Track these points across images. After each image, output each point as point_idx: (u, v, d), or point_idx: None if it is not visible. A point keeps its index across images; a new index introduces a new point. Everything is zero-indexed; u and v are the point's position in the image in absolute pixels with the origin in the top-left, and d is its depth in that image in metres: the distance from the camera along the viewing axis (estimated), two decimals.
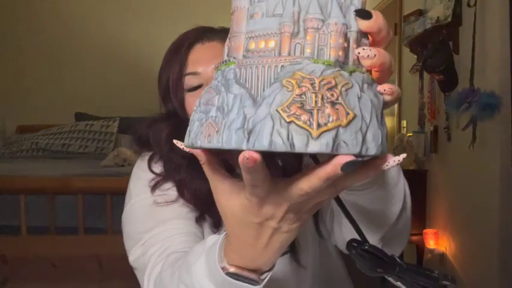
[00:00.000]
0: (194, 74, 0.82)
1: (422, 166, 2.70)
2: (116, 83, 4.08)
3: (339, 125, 0.33)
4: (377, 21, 0.38)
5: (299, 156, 0.78)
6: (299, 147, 0.33)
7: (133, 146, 0.96)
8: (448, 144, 2.42)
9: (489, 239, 2.10)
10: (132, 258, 0.77)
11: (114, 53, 4.15)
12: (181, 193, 0.81)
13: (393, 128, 3.19)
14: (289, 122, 0.33)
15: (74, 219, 2.23)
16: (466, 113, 2.18)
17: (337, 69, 0.35)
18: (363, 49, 0.37)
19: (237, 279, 0.47)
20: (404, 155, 0.39)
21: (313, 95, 0.34)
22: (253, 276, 0.47)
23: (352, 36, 0.37)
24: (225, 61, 0.39)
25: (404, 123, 3.03)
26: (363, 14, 0.38)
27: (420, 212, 2.66)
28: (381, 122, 0.37)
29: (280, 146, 0.33)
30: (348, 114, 0.34)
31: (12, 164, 2.98)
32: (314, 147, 0.33)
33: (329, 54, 0.36)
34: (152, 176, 0.84)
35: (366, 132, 0.35)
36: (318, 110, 0.33)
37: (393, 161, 0.37)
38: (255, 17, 0.38)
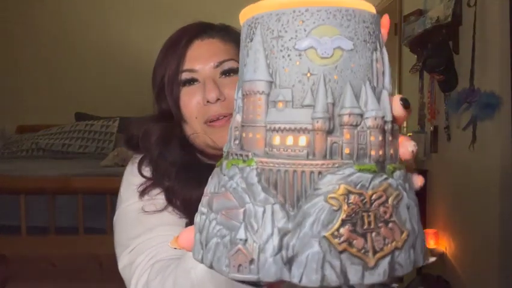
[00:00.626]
0: (191, 71, 0.80)
1: (422, 166, 2.70)
2: (116, 83, 4.08)
3: (395, 248, 0.30)
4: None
5: None
6: (354, 280, 0.29)
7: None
8: (448, 144, 2.42)
9: (489, 239, 2.10)
10: (120, 266, 0.76)
11: (114, 53, 4.15)
12: (169, 200, 0.79)
13: None
14: (341, 251, 0.29)
15: (74, 219, 2.24)
16: (466, 113, 2.18)
17: (384, 177, 0.31)
18: (413, 145, 0.35)
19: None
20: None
21: (365, 215, 0.29)
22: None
23: (388, 127, 0.33)
24: (239, 155, 0.33)
25: (404, 123, 3.03)
26: (407, 103, 0.34)
27: (420, 212, 2.64)
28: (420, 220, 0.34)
29: (334, 281, 0.29)
30: (402, 232, 0.30)
31: (12, 164, 2.98)
32: (370, 278, 0.29)
33: (370, 155, 0.31)
34: (142, 180, 0.82)
35: (415, 244, 0.31)
36: (371, 232, 0.29)
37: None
38: (279, 106, 0.32)
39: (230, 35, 0.85)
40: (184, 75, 0.80)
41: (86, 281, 2.16)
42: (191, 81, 0.80)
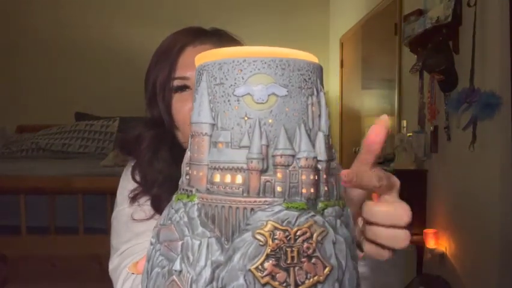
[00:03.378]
0: (183, 78, 0.80)
1: (422, 166, 2.70)
2: (116, 83, 4.08)
3: (317, 281, 0.32)
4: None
5: None
6: None
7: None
8: (448, 144, 2.42)
9: (489, 239, 2.10)
10: (110, 267, 0.78)
11: (114, 53, 4.15)
12: (156, 208, 0.80)
13: (393, 128, 3.19)
14: (264, 284, 0.31)
15: (74, 219, 2.24)
16: (466, 113, 2.18)
17: (311, 214, 0.33)
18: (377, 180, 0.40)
19: None
20: None
21: (289, 250, 0.32)
22: None
23: (322, 166, 0.35)
24: (185, 190, 0.36)
25: (404, 123, 3.03)
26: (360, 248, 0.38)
27: (420, 212, 2.66)
28: (354, 256, 0.36)
29: None
30: (325, 267, 0.32)
31: (12, 164, 2.98)
32: None
33: (301, 193, 0.34)
34: (134, 186, 0.83)
35: (342, 279, 0.34)
36: (294, 267, 0.32)
37: None
38: (219, 146, 0.35)
39: (222, 41, 0.85)
40: (176, 83, 0.80)
41: (86, 281, 2.16)
42: (183, 88, 0.80)
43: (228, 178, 0.34)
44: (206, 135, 0.35)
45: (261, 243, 0.32)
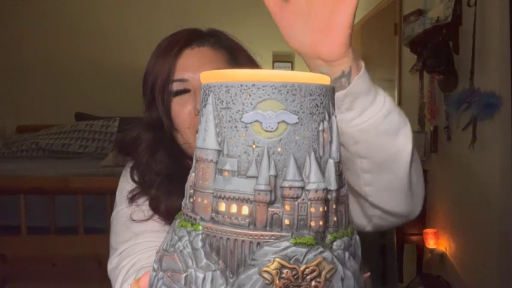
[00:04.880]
0: (182, 81, 0.79)
1: (422, 166, 2.70)
2: (116, 83, 4.08)
3: None
4: None
5: None
6: None
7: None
8: (448, 144, 2.42)
9: (489, 239, 2.10)
10: (109, 267, 0.79)
11: (114, 53, 4.15)
12: (154, 208, 0.80)
13: None
14: None
15: (74, 219, 2.23)
16: (466, 113, 2.18)
17: (319, 250, 0.32)
18: None
19: None
20: None
21: None
22: None
23: (332, 196, 0.34)
24: (189, 217, 0.35)
25: None
26: None
27: (420, 212, 2.66)
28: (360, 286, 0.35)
29: None
30: None
31: (12, 164, 2.98)
32: None
33: (310, 226, 0.33)
34: (133, 186, 0.83)
35: None
36: None
37: None
38: (225, 175, 0.33)
39: (220, 41, 0.84)
40: (175, 85, 0.79)
41: (86, 281, 2.16)
42: (182, 91, 0.80)
43: (234, 208, 0.33)
44: (211, 162, 0.34)
45: (267, 281, 0.31)
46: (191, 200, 0.36)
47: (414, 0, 2.78)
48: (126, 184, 0.85)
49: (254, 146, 0.33)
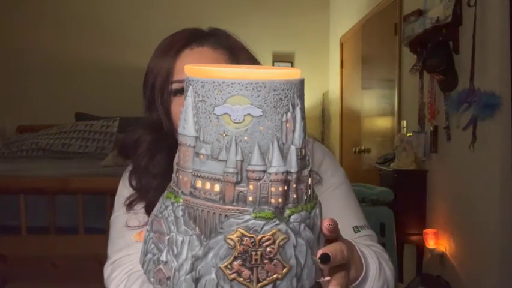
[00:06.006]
0: (181, 81, 0.79)
1: (422, 166, 2.70)
2: (116, 83, 4.08)
3: (276, 279, 0.38)
4: (333, 260, 0.44)
5: None
6: None
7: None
8: (448, 144, 2.42)
9: (489, 239, 2.10)
10: (105, 275, 0.79)
11: (114, 53, 4.15)
12: (149, 213, 0.79)
13: (393, 128, 3.19)
14: (231, 280, 0.37)
15: (74, 219, 2.23)
16: (466, 113, 2.18)
17: (276, 223, 0.38)
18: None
19: None
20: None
21: (254, 253, 0.37)
22: None
23: (292, 177, 0.40)
24: (174, 190, 0.42)
25: (404, 123, 3.03)
26: (324, 260, 0.43)
27: (420, 212, 2.66)
28: (318, 245, 0.42)
29: None
30: (284, 267, 0.38)
31: (12, 164, 2.98)
32: None
33: (270, 203, 0.39)
34: (130, 192, 0.83)
35: (301, 274, 0.39)
36: (257, 267, 0.37)
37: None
38: (201, 158, 0.39)
39: (220, 41, 0.84)
40: (175, 86, 0.79)
41: (86, 281, 2.16)
42: (182, 91, 0.79)
43: (207, 186, 0.39)
44: (190, 147, 0.40)
45: (230, 246, 0.38)
46: (176, 175, 0.42)
47: (414, 0, 2.78)
48: (124, 189, 0.85)
49: (224, 135, 0.38)
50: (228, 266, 0.37)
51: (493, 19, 2.03)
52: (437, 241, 2.52)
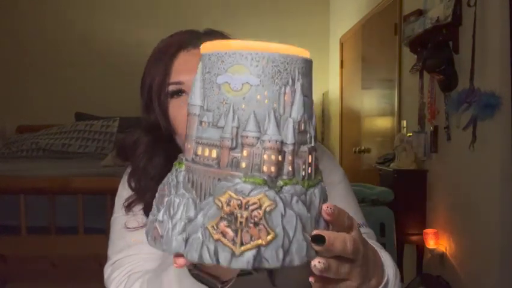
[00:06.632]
0: (177, 83, 0.78)
1: (422, 166, 2.70)
2: (116, 83, 4.08)
3: (260, 244, 0.38)
4: (329, 244, 0.42)
5: None
6: (223, 262, 0.38)
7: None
8: (448, 144, 2.42)
9: (489, 239, 2.10)
10: (105, 276, 0.80)
11: (114, 53, 4.15)
12: (148, 214, 0.79)
13: (393, 128, 3.19)
14: (216, 240, 0.38)
15: (74, 219, 2.23)
16: (466, 113, 2.18)
17: (265, 189, 0.39)
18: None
19: (200, 281, 0.54)
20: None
21: (239, 216, 0.38)
22: (213, 280, 0.55)
23: (288, 149, 0.41)
24: (180, 159, 0.44)
25: (404, 123, 3.03)
26: (316, 240, 0.42)
27: (420, 212, 2.66)
28: (315, 227, 0.41)
29: (207, 260, 0.38)
30: (269, 234, 0.38)
31: (12, 164, 2.98)
32: (236, 263, 0.38)
33: (262, 170, 0.39)
34: (129, 193, 0.83)
35: (289, 247, 0.39)
36: (242, 229, 0.38)
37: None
38: (203, 125, 0.42)
39: None
40: (171, 88, 0.79)
41: (86, 281, 2.16)
42: (178, 93, 0.79)
43: (207, 152, 0.41)
44: (195, 115, 0.43)
45: (218, 207, 0.39)
46: (184, 144, 0.45)
47: (414, 0, 2.78)
48: (123, 190, 0.85)
49: (224, 103, 0.40)
50: (214, 226, 0.38)
51: (493, 19, 2.03)
52: (437, 241, 2.52)
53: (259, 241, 0.38)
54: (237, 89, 0.40)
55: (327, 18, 4.71)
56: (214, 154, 0.41)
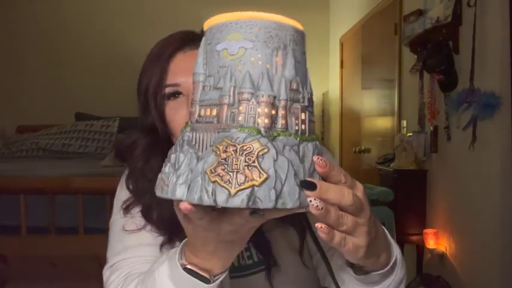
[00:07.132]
0: (174, 85, 0.78)
1: (422, 166, 2.70)
2: (116, 83, 4.07)
3: (253, 185, 0.41)
4: (322, 191, 0.44)
5: None
6: (220, 202, 0.41)
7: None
8: (448, 144, 2.42)
9: (489, 239, 2.10)
10: (104, 279, 0.79)
11: (114, 53, 4.15)
12: (145, 216, 0.80)
13: (393, 128, 3.19)
14: (213, 182, 0.41)
15: (74, 219, 2.23)
16: (466, 113, 2.18)
17: (258, 136, 0.43)
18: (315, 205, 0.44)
19: (192, 276, 0.55)
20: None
21: (234, 159, 0.42)
22: (206, 274, 0.56)
23: (281, 104, 0.45)
24: (189, 122, 0.49)
25: (404, 123, 3.03)
26: (307, 186, 0.44)
27: (420, 212, 2.66)
28: (307, 176, 0.44)
29: (206, 200, 0.41)
30: (261, 175, 0.41)
31: (12, 164, 2.98)
32: (232, 202, 0.41)
33: (257, 122, 0.44)
34: (128, 195, 0.83)
35: (281, 189, 0.42)
36: (237, 172, 0.41)
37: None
38: (205, 89, 0.47)
39: None
40: (168, 90, 0.78)
41: (86, 281, 2.16)
42: (175, 95, 0.79)
43: (208, 111, 0.46)
44: (199, 82, 0.48)
45: (216, 154, 0.43)
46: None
47: (414, 0, 2.78)
48: (121, 192, 0.85)
49: (223, 67, 0.45)
50: (212, 170, 0.42)
51: (493, 19, 2.04)
52: (437, 241, 2.52)
53: (253, 181, 0.41)
54: (234, 53, 0.45)
55: (327, 18, 4.71)
56: (214, 112, 0.45)
